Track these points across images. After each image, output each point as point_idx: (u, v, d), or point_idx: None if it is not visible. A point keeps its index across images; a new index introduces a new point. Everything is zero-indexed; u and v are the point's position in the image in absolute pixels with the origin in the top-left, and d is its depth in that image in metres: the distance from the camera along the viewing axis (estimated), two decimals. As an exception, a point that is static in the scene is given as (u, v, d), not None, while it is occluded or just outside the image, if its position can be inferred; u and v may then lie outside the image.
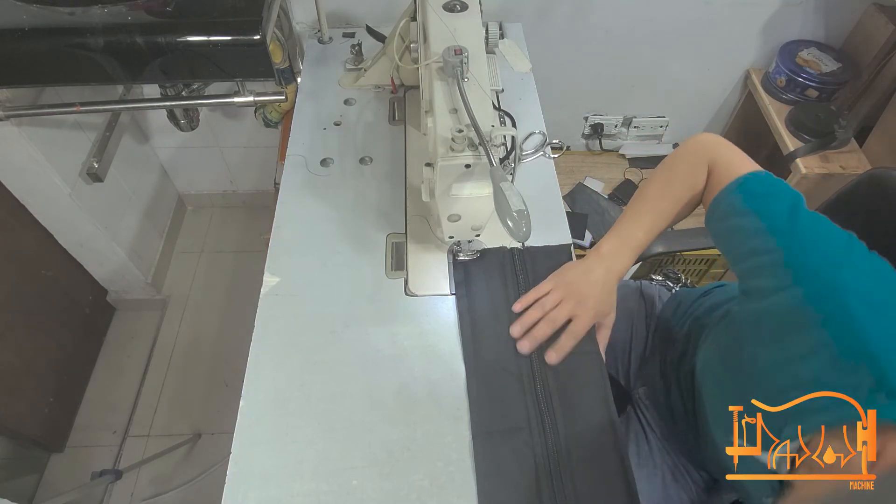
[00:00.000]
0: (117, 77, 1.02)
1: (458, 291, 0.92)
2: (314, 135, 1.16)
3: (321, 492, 0.73)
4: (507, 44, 1.38)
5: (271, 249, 0.97)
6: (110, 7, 1.00)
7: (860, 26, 1.56)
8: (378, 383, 0.82)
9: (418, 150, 1.13)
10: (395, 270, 0.95)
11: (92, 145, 1.46)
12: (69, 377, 1.63)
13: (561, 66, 1.66)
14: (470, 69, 0.80)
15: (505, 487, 0.73)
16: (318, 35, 1.38)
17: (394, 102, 1.24)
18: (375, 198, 1.05)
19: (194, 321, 1.84)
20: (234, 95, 1.19)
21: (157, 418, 1.65)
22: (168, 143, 1.84)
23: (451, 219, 0.82)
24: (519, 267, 0.94)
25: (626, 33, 1.57)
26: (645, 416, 0.98)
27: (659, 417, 0.96)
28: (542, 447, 0.76)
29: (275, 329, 0.88)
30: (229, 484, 0.73)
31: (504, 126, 1.12)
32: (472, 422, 0.78)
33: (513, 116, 1.14)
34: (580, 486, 0.73)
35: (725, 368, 0.73)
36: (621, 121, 1.85)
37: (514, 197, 0.63)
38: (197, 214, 2.11)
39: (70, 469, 1.55)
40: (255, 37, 0.98)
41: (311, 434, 0.78)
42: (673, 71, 1.67)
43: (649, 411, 0.98)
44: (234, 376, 1.17)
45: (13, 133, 1.22)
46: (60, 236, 1.55)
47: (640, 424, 0.98)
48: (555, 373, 0.83)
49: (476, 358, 0.84)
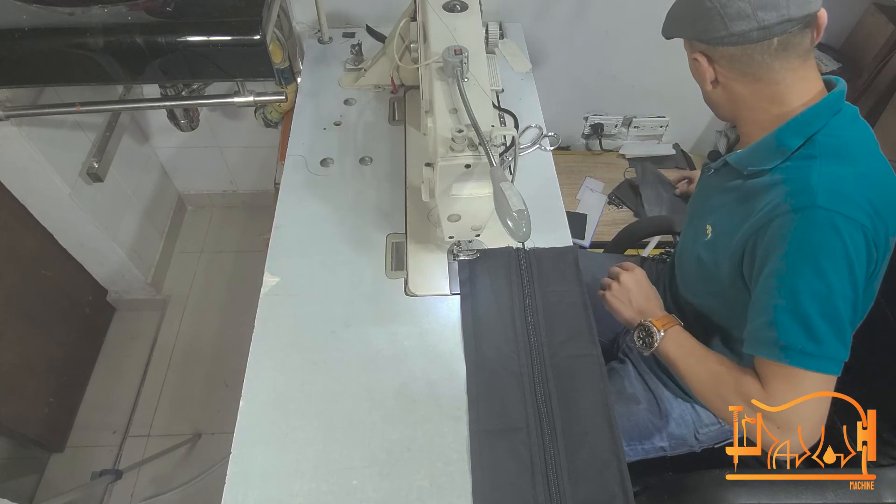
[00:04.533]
0: (117, 77, 1.02)
1: (462, 290, 0.92)
2: (314, 135, 1.16)
3: (321, 492, 0.73)
4: (507, 44, 1.38)
5: (271, 249, 0.97)
6: (110, 7, 0.99)
7: (860, 26, 1.56)
8: (378, 383, 0.82)
9: (418, 150, 1.13)
10: (395, 270, 0.95)
11: (92, 145, 1.45)
12: (69, 377, 1.63)
13: (561, 66, 1.66)
14: (470, 69, 0.80)
15: (501, 486, 0.73)
16: (318, 35, 1.38)
17: (394, 102, 1.24)
18: (375, 198, 1.05)
19: (194, 321, 1.84)
20: (234, 95, 1.19)
21: (157, 418, 1.65)
22: (168, 143, 1.84)
23: (451, 219, 0.82)
24: (524, 267, 0.94)
25: (626, 33, 1.57)
26: (629, 356, 1.05)
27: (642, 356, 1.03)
28: (539, 447, 0.76)
29: (275, 329, 0.88)
30: (229, 484, 0.73)
31: (505, 125, 1.12)
32: (471, 420, 0.78)
33: (514, 115, 1.14)
34: (576, 488, 0.73)
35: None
36: (621, 121, 1.85)
37: (514, 197, 0.63)
38: (197, 214, 2.11)
39: (70, 469, 1.55)
40: (255, 37, 0.98)
41: (311, 434, 0.78)
42: (673, 71, 1.67)
43: (633, 353, 1.05)
44: (234, 376, 1.17)
45: (13, 133, 1.21)
46: (60, 236, 1.55)
47: (627, 361, 1.05)
48: (555, 374, 0.83)
49: (477, 356, 0.84)
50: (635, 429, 0.97)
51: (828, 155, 0.69)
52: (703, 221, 0.84)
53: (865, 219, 0.66)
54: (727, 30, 0.69)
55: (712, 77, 0.76)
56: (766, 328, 0.69)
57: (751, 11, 0.67)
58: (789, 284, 0.67)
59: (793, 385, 0.67)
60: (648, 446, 0.97)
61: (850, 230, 0.65)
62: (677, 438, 0.97)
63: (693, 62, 0.77)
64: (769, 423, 0.68)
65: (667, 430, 0.97)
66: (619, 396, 0.99)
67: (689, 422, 0.97)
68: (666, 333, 0.80)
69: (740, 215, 0.76)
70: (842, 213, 0.65)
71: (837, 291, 0.66)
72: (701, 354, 0.79)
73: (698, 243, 0.85)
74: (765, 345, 0.70)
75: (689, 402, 0.97)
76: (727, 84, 0.75)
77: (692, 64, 0.78)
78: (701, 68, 0.76)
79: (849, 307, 0.67)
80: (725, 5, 0.68)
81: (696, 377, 0.77)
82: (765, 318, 0.69)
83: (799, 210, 0.67)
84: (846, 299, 0.66)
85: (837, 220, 0.65)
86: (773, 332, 0.68)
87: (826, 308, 0.66)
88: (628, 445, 0.97)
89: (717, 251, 0.80)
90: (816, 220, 0.66)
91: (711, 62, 0.74)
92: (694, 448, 0.99)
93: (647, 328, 0.82)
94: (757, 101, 0.74)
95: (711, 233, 0.82)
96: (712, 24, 0.70)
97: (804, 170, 0.69)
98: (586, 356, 0.85)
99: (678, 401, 0.98)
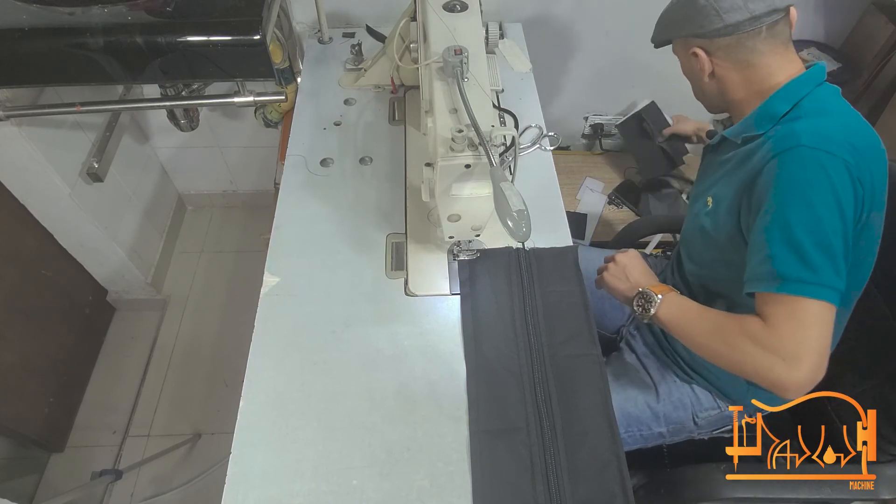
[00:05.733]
0: (117, 77, 1.02)
1: (462, 289, 0.92)
2: (314, 135, 1.16)
3: (321, 492, 0.73)
4: (507, 44, 1.38)
5: (271, 249, 0.97)
6: (110, 7, 0.99)
7: (860, 26, 1.56)
8: (378, 383, 0.82)
9: (418, 150, 1.13)
10: (395, 270, 0.95)
11: (92, 145, 1.45)
12: (69, 377, 1.63)
13: (561, 66, 1.66)
14: (470, 69, 0.80)
15: (501, 486, 0.73)
16: (318, 35, 1.38)
17: (394, 102, 1.24)
18: (375, 198, 1.05)
19: (194, 321, 1.84)
20: (234, 95, 1.19)
21: (157, 418, 1.65)
22: (168, 143, 1.84)
23: (451, 219, 0.82)
24: (524, 267, 0.94)
25: (626, 33, 1.57)
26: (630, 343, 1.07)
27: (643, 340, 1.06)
28: (539, 447, 0.76)
29: (275, 329, 0.88)
30: (229, 484, 0.73)
31: (505, 125, 1.12)
32: (471, 420, 0.78)
33: (514, 115, 1.14)
34: (576, 488, 0.73)
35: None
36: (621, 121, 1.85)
37: (514, 197, 0.63)
38: (197, 214, 2.11)
39: (70, 469, 1.55)
40: (255, 37, 0.98)
41: (311, 434, 0.78)
42: (673, 71, 1.67)
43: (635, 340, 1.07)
44: (234, 376, 1.17)
45: (13, 133, 1.21)
46: (60, 236, 1.55)
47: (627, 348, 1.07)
48: (555, 374, 0.83)
49: (477, 355, 0.84)
50: (633, 414, 0.98)
51: (812, 114, 0.76)
52: (704, 196, 0.88)
53: (848, 156, 0.70)
54: (722, 21, 0.77)
55: (710, 69, 0.82)
56: (763, 263, 0.72)
57: (742, 3, 0.75)
58: (780, 219, 0.70)
59: (794, 314, 0.69)
60: (647, 432, 0.98)
61: (834, 165, 0.70)
62: (676, 423, 0.98)
63: (690, 59, 0.84)
64: (775, 357, 0.68)
65: (665, 414, 0.98)
66: (618, 382, 1.00)
67: (688, 405, 0.98)
68: (664, 297, 0.81)
69: (736, 178, 0.80)
70: (825, 150, 0.70)
71: (826, 222, 0.69)
72: (701, 310, 0.80)
73: (701, 215, 0.88)
74: (763, 280, 0.72)
75: (689, 384, 0.98)
76: (722, 74, 0.82)
77: (689, 61, 0.85)
78: (700, 62, 0.82)
79: (839, 238, 0.70)
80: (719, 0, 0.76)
81: (699, 331, 0.78)
82: (761, 255, 0.72)
83: (785, 151, 0.72)
84: (836, 230, 0.70)
85: (822, 156, 0.70)
86: (769, 266, 0.71)
87: (817, 237, 0.69)
88: (627, 432, 0.97)
89: (718, 215, 0.83)
90: (801, 157, 0.71)
91: (709, 54, 0.81)
92: (693, 434, 0.99)
93: (645, 294, 0.83)
94: (748, 85, 0.81)
95: (712, 202, 0.85)
96: (708, 19, 0.78)
97: (791, 127, 0.75)
98: (586, 356, 0.85)
99: (678, 384, 0.99)
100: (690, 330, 0.79)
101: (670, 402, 0.98)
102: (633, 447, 0.99)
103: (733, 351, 0.73)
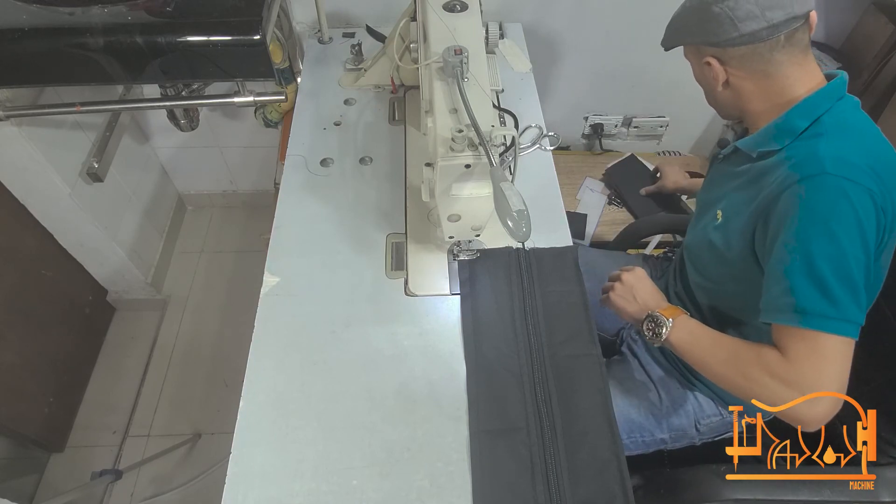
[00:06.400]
0: (117, 77, 1.02)
1: (462, 290, 0.92)
2: (314, 135, 1.16)
3: (321, 492, 0.73)
4: (507, 44, 1.38)
5: (271, 249, 0.97)
6: (110, 7, 0.99)
7: (860, 26, 1.56)
8: (378, 383, 0.82)
9: (418, 150, 1.13)
10: (395, 270, 0.95)
11: (92, 145, 1.45)
12: (69, 377, 1.63)
13: (561, 66, 1.66)
14: (470, 69, 0.80)
15: (501, 486, 0.73)
16: (318, 35, 1.38)
17: (394, 102, 1.24)
18: (375, 198, 1.05)
19: (194, 321, 1.84)
20: (234, 95, 1.19)
21: (157, 418, 1.65)
22: (168, 143, 1.84)
23: (451, 219, 0.82)
24: (524, 267, 0.94)
25: (626, 33, 1.57)
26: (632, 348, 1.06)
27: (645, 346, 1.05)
28: (539, 447, 0.76)
29: (275, 329, 0.88)
30: (229, 484, 0.73)
31: (505, 125, 1.12)
32: (471, 420, 0.78)
33: (514, 115, 1.14)
34: (576, 488, 0.73)
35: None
36: (621, 121, 1.85)
37: (514, 197, 0.63)
38: (197, 214, 2.11)
39: (70, 469, 1.55)
40: (255, 37, 0.98)
41: (311, 434, 0.78)
42: (673, 71, 1.66)
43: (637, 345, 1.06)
44: (234, 376, 1.17)
45: (13, 133, 1.21)
46: (60, 236, 1.54)
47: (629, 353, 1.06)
48: (555, 374, 0.83)
49: (477, 356, 0.84)
50: (636, 420, 0.97)
51: (833, 132, 0.72)
52: (713, 208, 0.86)
53: (873, 184, 0.68)
54: (738, 31, 0.72)
55: (724, 79, 0.79)
56: (783, 295, 0.69)
57: (759, 12, 0.71)
58: (803, 249, 0.68)
59: (815, 349, 0.67)
60: (649, 438, 0.97)
61: (858, 195, 0.67)
62: (678, 430, 0.97)
63: (703, 67, 0.80)
64: (794, 391, 0.67)
65: (667, 420, 0.97)
66: (620, 388, 1.00)
67: (690, 412, 0.97)
68: (675, 321, 0.80)
69: (750, 195, 0.77)
70: (850, 179, 0.67)
71: (850, 255, 0.67)
72: (714, 336, 0.78)
73: (709, 228, 0.86)
74: (782, 311, 0.70)
75: (691, 391, 0.98)
76: (737, 84, 0.78)
77: (701, 70, 0.81)
78: (713, 71, 0.79)
79: (861, 270, 0.67)
80: (734, 8, 0.72)
81: (714, 359, 0.76)
82: (781, 286, 0.70)
83: (808, 178, 0.69)
84: (859, 262, 0.67)
85: (846, 185, 0.67)
86: (790, 298, 0.68)
87: (840, 271, 0.67)
88: (629, 438, 0.97)
89: (729, 232, 0.81)
90: (826, 186, 0.68)
91: (723, 64, 0.78)
92: (694, 440, 0.99)
93: (656, 318, 0.81)
94: (765, 96, 0.77)
95: (722, 216, 0.83)
96: (722, 27, 0.73)
97: (812, 146, 0.72)
98: (586, 356, 0.85)
99: (680, 391, 0.98)
100: (703, 356, 0.77)
101: (672, 409, 0.97)
102: (635, 452, 0.98)
103: (750, 382, 0.71)
